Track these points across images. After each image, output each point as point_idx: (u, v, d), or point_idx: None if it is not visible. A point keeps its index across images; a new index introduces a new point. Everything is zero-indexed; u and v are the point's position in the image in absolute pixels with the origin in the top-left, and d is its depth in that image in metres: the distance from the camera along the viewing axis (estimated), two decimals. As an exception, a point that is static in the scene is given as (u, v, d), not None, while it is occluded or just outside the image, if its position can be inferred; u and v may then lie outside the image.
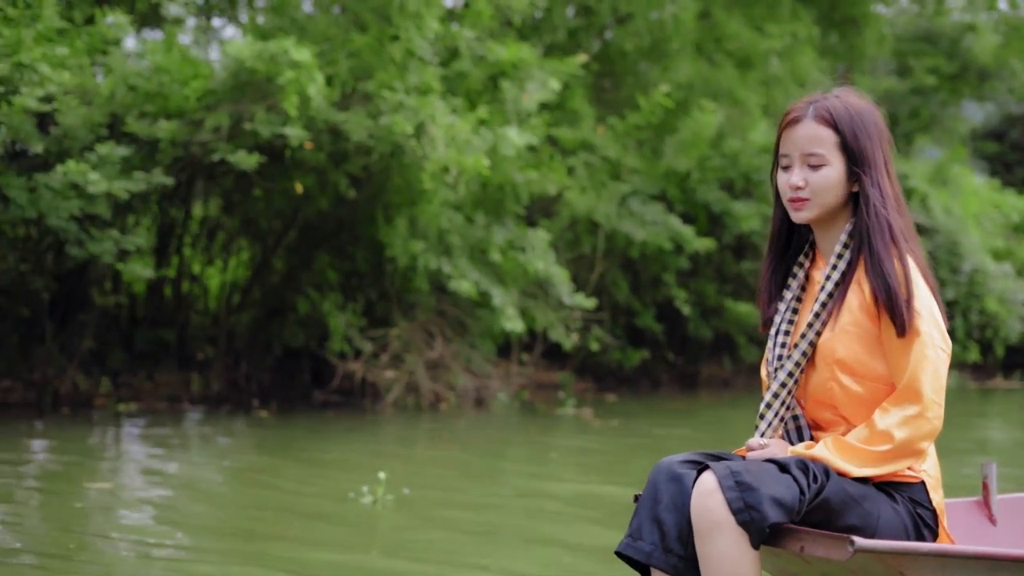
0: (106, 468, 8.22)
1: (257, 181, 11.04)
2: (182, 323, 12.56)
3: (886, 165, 3.31)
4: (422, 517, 6.42)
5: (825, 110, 3.28)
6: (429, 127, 10.20)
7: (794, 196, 3.30)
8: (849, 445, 3.19)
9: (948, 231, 17.86)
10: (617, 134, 13.89)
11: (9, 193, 9.63)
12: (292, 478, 7.84)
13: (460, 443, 10.17)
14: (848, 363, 3.25)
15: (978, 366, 19.03)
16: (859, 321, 3.25)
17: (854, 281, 3.28)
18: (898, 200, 3.32)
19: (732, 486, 3.01)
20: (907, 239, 3.28)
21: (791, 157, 3.30)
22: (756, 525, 2.99)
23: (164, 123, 10.13)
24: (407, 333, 11.97)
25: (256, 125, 10.01)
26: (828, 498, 3.10)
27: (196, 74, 10.23)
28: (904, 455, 3.17)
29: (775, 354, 3.37)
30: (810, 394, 3.34)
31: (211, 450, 9.21)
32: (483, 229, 11.94)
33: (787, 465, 3.10)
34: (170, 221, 12.14)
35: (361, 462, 8.51)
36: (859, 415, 3.26)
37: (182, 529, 6.07)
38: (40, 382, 11.37)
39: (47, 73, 9.55)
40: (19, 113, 9.44)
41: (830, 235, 3.35)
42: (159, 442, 9.45)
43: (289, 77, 9.76)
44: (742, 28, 15.42)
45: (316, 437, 9.92)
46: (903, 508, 3.21)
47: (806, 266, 3.42)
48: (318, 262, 11.90)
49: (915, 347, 3.16)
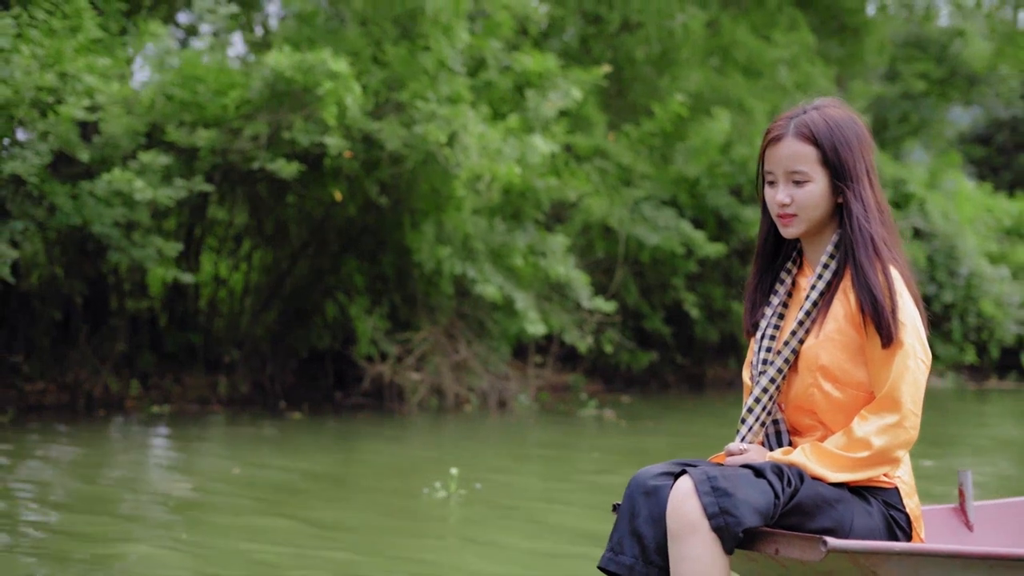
0: (182, 465, 8.48)
1: (293, 188, 11.28)
2: (208, 326, 12.79)
3: (869, 175, 3.34)
4: (499, 509, 6.82)
5: (805, 126, 3.31)
6: (462, 136, 10.47)
7: (781, 212, 3.34)
8: (827, 451, 3.23)
9: (945, 235, 18.22)
10: (631, 141, 14.18)
11: (55, 201, 9.85)
12: (363, 476, 8.19)
13: (505, 441, 10.47)
14: (831, 370, 3.30)
15: (974, 368, 19.41)
16: (844, 329, 3.29)
17: (840, 290, 3.33)
18: (882, 210, 3.35)
19: (708, 491, 3.05)
20: (891, 249, 3.32)
21: (775, 174, 3.35)
22: (730, 530, 3.02)
23: (203, 132, 10.37)
24: (432, 336, 12.24)
25: (295, 134, 10.26)
26: (802, 501, 3.14)
27: (234, 84, 10.47)
28: (881, 462, 3.22)
29: (759, 358, 3.42)
30: (791, 399, 3.38)
31: (270, 450, 9.41)
32: (505, 234, 12.23)
33: (762, 470, 3.14)
34: (200, 226, 12.37)
35: (419, 460, 8.88)
36: (838, 422, 3.31)
37: (301, 522, 6.42)
38: (73, 384, 11.61)
39: (92, 83, 9.81)
40: (66, 122, 9.67)
41: (817, 245, 3.40)
42: (220, 442, 9.74)
43: (328, 87, 10.01)
44: (749, 37, 15.73)
45: (359, 437, 10.23)
46: (877, 511, 3.26)
47: (794, 273, 3.47)
48: (345, 267, 12.15)
49: (897, 358, 3.21)
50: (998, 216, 21.24)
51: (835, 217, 3.35)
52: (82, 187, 9.96)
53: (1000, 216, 21.27)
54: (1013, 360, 19.77)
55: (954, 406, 15.78)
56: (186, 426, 10.71)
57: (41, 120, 9.73)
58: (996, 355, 19.21)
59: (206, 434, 10.36)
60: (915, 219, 18.01)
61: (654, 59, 15.09)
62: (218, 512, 6.69)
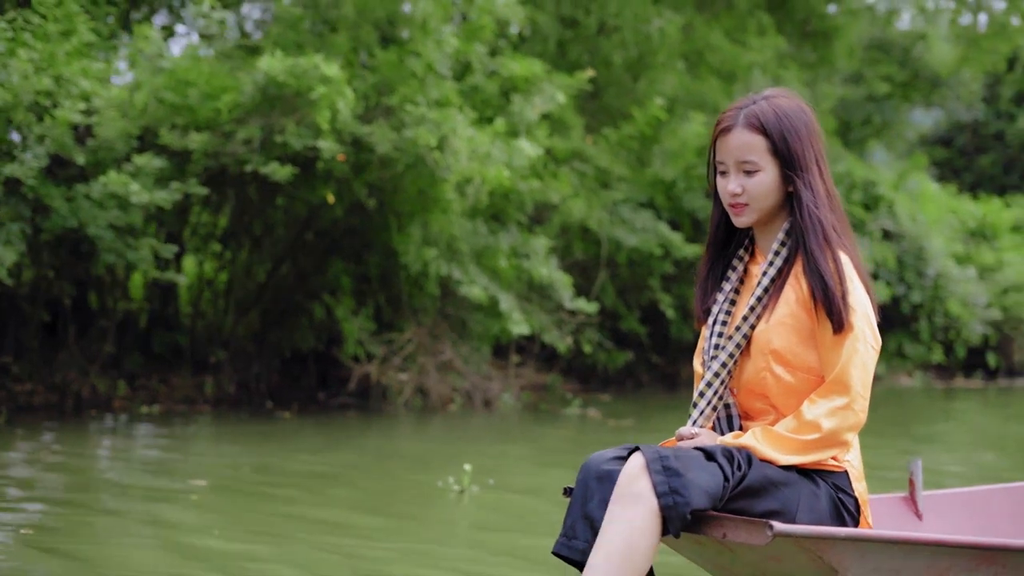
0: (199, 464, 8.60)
1: (283, 190, 11.41)
2: (193, 327, 12.89)
3: (818, 164, 3.39)
4: (515, 503, 7.02)
5: (754, 116, 3.36)
6: (452, 140, 10.64)
7: (733, 202, 3.39)
8: (777, 434, 3.27)
9: (913, 237, 18.54)
10: (610, 144, 14.38)
11: (51, 203, 9.95)
12: (374, 471, 8.40)
13: (503, 439, 10.64)
14: (782, 354, 3.34)
15: (941, 366, 19.76)
16: (795, 314, 3.34)
17: (792, 276, 3.38)
18: (831, 197, 3.40)
19: (659, 470, 3.07)
20: (841, 235, 3.37)
21: (726, 164, 3.40)
22: (679, 510, 3.04)
23: (195, 135, 10.49)
24: (416, 337, 12.40)
25: (287, 137, 10.40)
26: (750, 484, 3.17)
27: (226, 88, 10.59)
28: (830, 444, 3.26)
29: (711, 343, 3.45)
30: (744, 383, 3.41)
31: (276, 447, 9.52)
32: (489, 236, 12.40)
33: (713, 453, 3.16)
34: (187, 228, 12.48)
35: (423, 456, 9.07)
36: (789, 405, 3.35)
37: (336, 507, 6.66)
38: (62, 385, 11.69)
39: (87, 87, 9.92)
40: (63, 126, 9.77)
41: (769, 233, 3.45)
42: (216, 441, 9.86)
43: (321, 92, 10.15)
44: (723, 42, 15.97)
45: (357, 435, 10.42)
46: (824, 493, 3.29)
47: (745, 260, 3.51)
48: (332, 268, 12.29)
49: (847, 342, 3.26)
50: (962, 218, 21.62)
51: (786, 205, 3.40)
52: (77, 190, 10.06)
53: (964, 218, 21.65)
54: (979, 359, 20.14)
55: (927, 404, 16.09)
56: (178, 425, 10.83)
57: (37, 124, 9.83)
58: (962, 354, 19.58)
59: (202, 432, 10.50)
60: (884, 221, 18.32)
61: (631, 63, 15.28)
62: (236, 508, 6.82)
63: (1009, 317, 19.98)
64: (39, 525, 6.06)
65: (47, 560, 5.23)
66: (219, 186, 11.62)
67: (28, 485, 7.39)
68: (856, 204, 18.01)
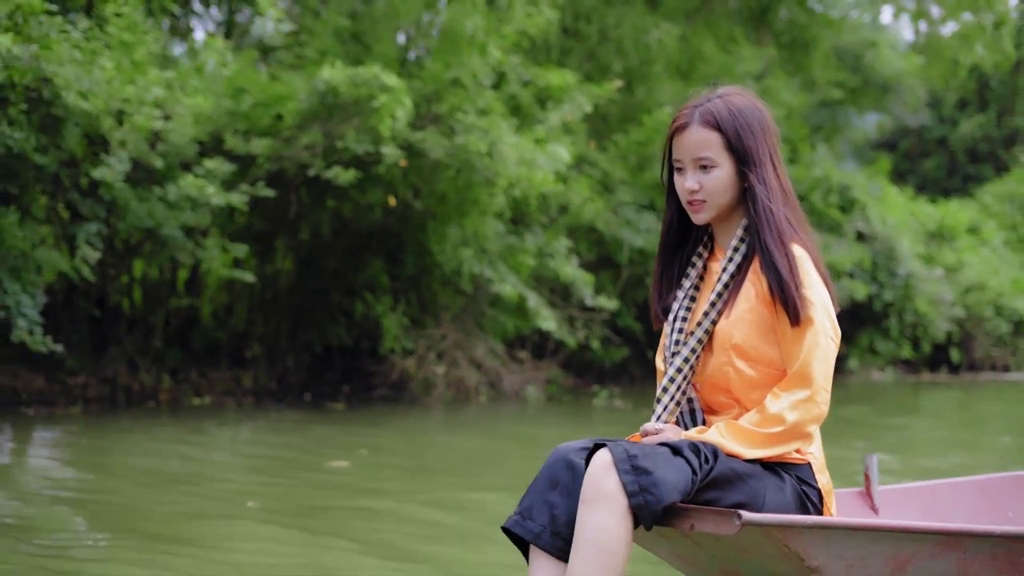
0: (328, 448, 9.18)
1: (339, 193, 11.99)
2: (232, 323, 13.43)
3: (772, 159, 3.39)
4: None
5: (709, 114, 3.36)
6: (500, 146, 11.31)
7: (691, 199, 3.39)
8: (741, 428, 3.27)
9: (885, 238, 19.50)
10: (619, 149, 15.12)
11: (129, 206, 10.49)
12: (472, 456, 8.99)
13: (557, 427, 11.24)
14: (744, 348, 3.34)
15: (908, 362, 20.77)
16: (756, 309, 3.34)
17: (751, 271, 3.38)
18: (785, 192, 3.40)
19: (628, 469, 3.07)
20: (796, 228, 3.37)
21: (683, 161, 3.39)
22: (650, 508, 3.06)
23: (259, 140, 11.07)
24: (449, 332, 13.06)
25: (348, 143, 11.01)
26: (716, 477, 3.17)
27: (289, 96, 11.18)
28: (793, 437, 3.27)
29: (672, 339, 3.45)
30: (706, 379, 3.42)
31: (389, 433, 10.14)
32: (514, 237, 13.10)
33: (679, 448, 3.16)
34: (230, 227, 13.02)
35: (494, 443, 9.66)
36: (752, 399, 3.35)
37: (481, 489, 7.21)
38: (112, 379, 12.19)
39: (160, 94, 10.46)
40: (143, 132, 10.31)
41: (727, 230, 3.46)
42: (285, 433, 10.44)
43: (383, 100, 10.78)
44: (716, 51, 16.79)
45: (455, 423, 11.17)
46: (789, 486, 3.30)
47: (705, 257, 3.51)
48: (370, 267, 12.90)
49: (808, 335, 3.26)
50: (920, 220, 22.64)
51: (743, 202, 3.41)
52: (154, 192, 10.60)
53: (923, 220, 22.67)
54: (942, 355, 21.19)
55: (903, 398, 17.00)
56: (238, 417, 11.38)
57: (118, 129, 10.36)
58: (927, 350, 20.61)
59: (286, 421, 11.03)
60: (858, 223, 19.26)
61: (632, 71, 16.02)
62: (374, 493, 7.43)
63: (971, 315, 21.06)
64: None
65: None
66: (282, 189, 12.18)
67: (256, 470, 7.97)
68: (833, 207, 18.93)
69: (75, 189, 10.71)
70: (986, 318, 21.25)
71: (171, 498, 6.70)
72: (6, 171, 10.16)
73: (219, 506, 6.50)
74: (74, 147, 10.24)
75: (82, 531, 5.77)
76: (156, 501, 6.58)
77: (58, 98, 9.86)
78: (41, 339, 10.05)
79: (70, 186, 10.66)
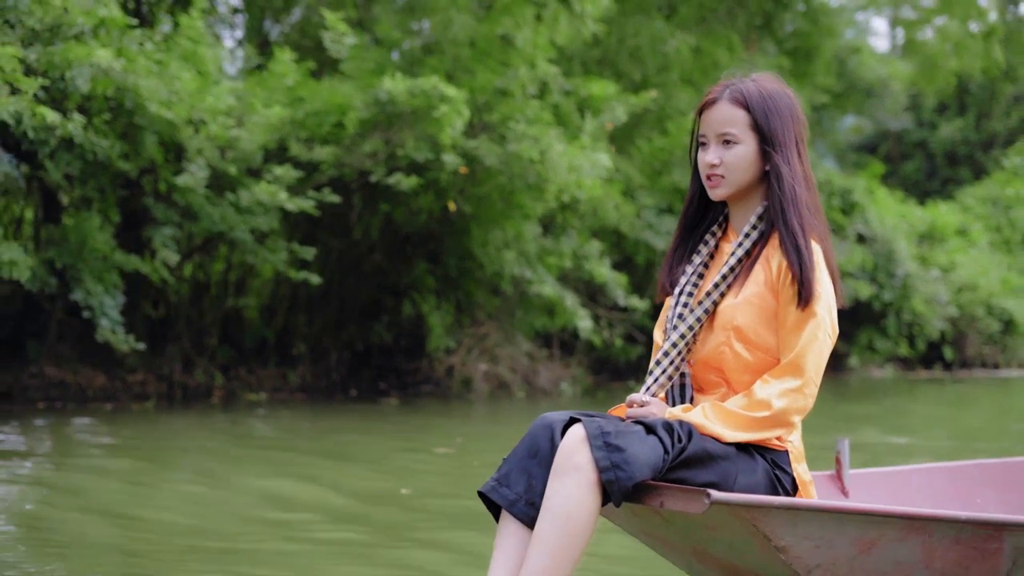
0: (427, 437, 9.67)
1: (396, 197, 12.52)
2: (279, 322, 13.92)
3: (797, 146, 3.40)
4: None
5: (739, 92, 3.39)
6: (551, 153, 11.87)
7: (710, 173, 3.41)
8: (726, 410, 3.29)
9: (884, 240, 20.22)
10: (643, 155, 15.72)
11: (203, 211, 10.98)
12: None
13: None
14: (744, 331, 3.36)
15: (904, 359, 21.54)
16: (762, 294, 3.36)
17: (763, 257, 3.40)
18: (808, 179, 3.42)
19: (601, 445, 3.10)
20: (815, 217, 3.40)
21: (708, 136, 3.42)
22: (621, 484, 3.07)
23: (322, 148, 11.58)
24: (489, 331, 13.63)
25: (410, 151, 11.54)
26: (689, 456, 3.19)
27: (351, 105, 11.70)
28: (777, 424, 3.29)
29: (675, 312, 3.47)
30: (701, 356, 3.43)
31: (468, 425, 10.67)
32: (550, 240, 13.68)
33: (653, 427, 3.19)
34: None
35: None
36: (742, 382, 3.38)
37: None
38: (169, 376, 12.67)
39: (232, 102, 10.97)
40: (221, 140, 10.81)
41: (743, 211, 3.48)
42: (351, 431, 10.95)
43: (444, 110, 11.31)
44: (729, 59, 17.40)
45: (480, 416, 11.63)
46: (762, 469, 3.32)
47: (718, 236, 3.54)
48: (416, 268, 13.44)
49: (808, 326, 3.29)
50: (911, 222, 23.38)
51: (762, 184, 3.44)
52: (227, 197, 11.10)
53: (913, 222, 23.41)
54: (936, 352, 21.98)
55: (912, 391, 17.66)
56: (310, 409, 11.87)
57: (195, 137, 10.86)
58: (922, 348, 21.38)
59: (353, 414, 11.54)
60: (859, 226, 19.97)
61: (649, 80, 16.62)
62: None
63: (964, 314, 21.84)
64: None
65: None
66: (345, 195, 12.68)
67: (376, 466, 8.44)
68: (835, 210, 19.61)
69: (152, 194, 11.20)
70: (978, 317, 22.06)
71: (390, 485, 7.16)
72: (88, 177, 10.65)
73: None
74: (154, 154, 10.72)
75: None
76: (384, 490, 6.98)
77: (141, 108, 10.36)
78: (123, 337, 10.55)
79: (149, 191, 11.15)
